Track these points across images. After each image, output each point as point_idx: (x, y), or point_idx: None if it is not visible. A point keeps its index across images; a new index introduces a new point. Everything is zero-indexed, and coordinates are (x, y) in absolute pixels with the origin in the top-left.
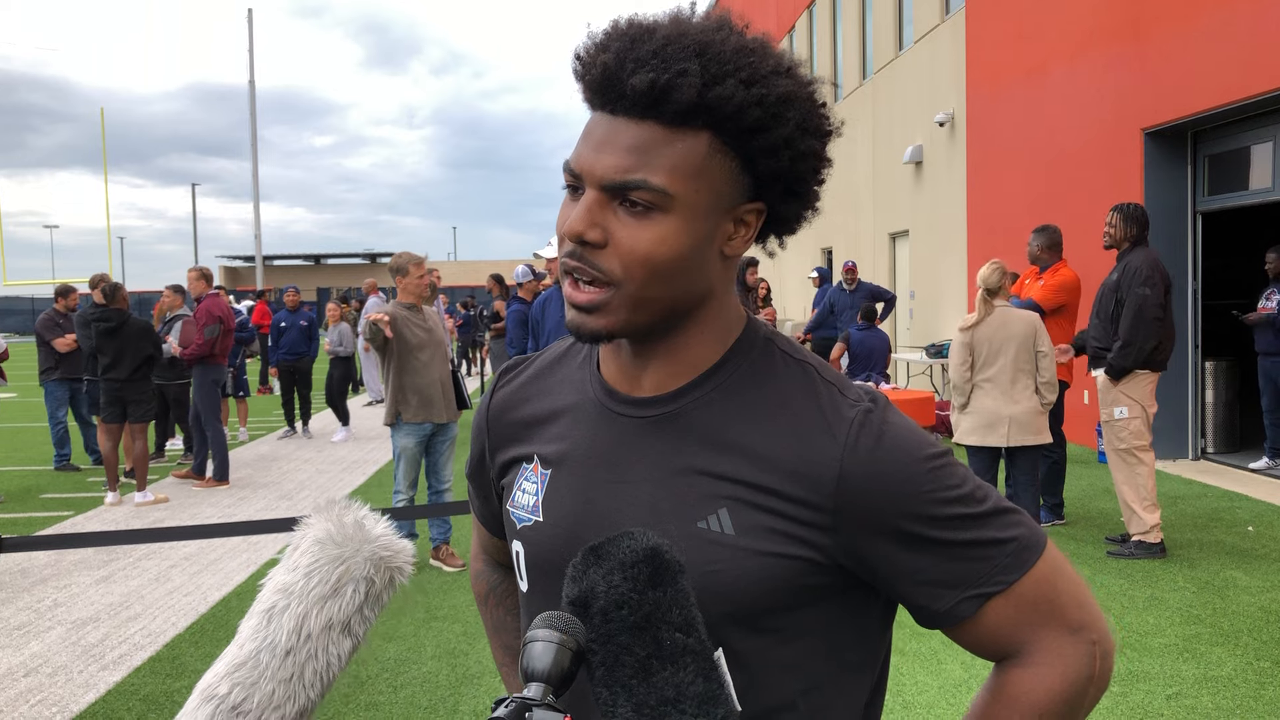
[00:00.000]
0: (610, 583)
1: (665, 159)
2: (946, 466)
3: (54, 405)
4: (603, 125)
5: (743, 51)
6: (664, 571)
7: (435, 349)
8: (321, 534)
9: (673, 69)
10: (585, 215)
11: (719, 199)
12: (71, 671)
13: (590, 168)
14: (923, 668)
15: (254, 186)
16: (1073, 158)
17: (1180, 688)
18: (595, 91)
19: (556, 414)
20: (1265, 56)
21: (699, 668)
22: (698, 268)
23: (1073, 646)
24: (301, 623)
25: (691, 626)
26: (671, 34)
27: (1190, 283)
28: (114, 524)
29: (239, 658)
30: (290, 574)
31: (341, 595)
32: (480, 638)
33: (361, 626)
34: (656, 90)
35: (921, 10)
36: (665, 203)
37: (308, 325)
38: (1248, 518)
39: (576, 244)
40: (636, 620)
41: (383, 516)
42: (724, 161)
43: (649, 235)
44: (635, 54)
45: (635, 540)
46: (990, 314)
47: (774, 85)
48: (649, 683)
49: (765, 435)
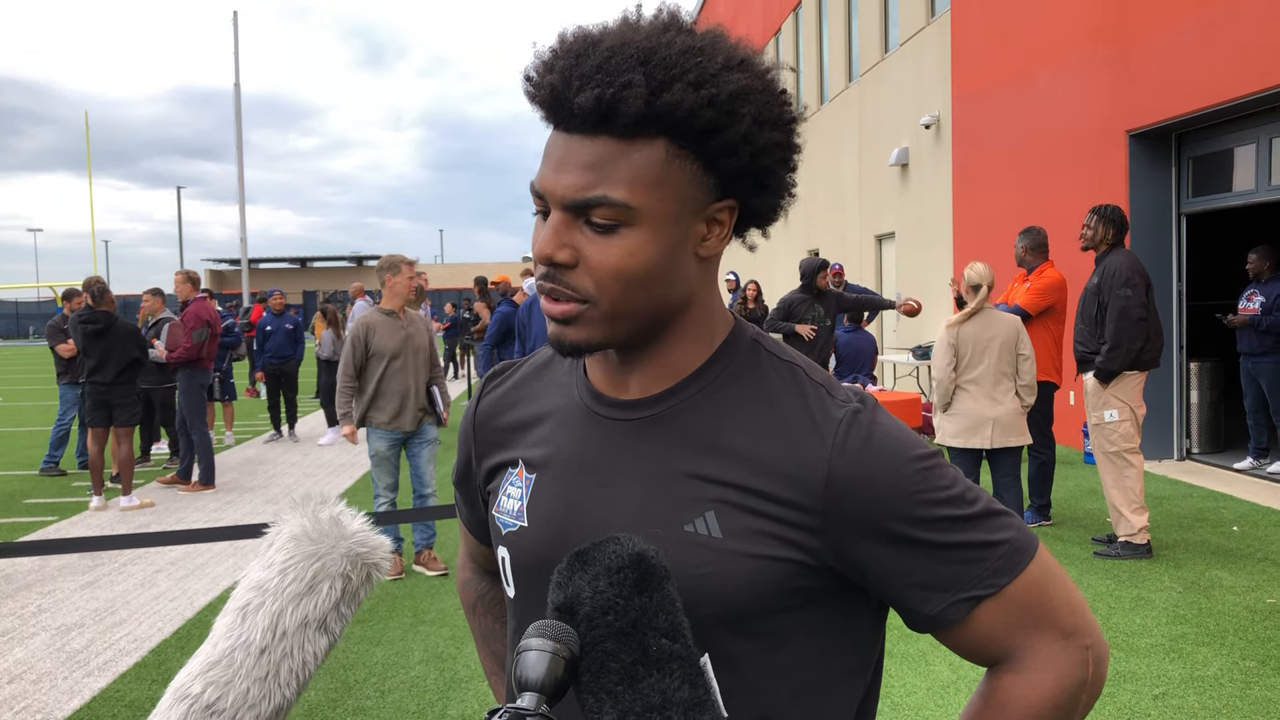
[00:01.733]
0: (596, 588)
1: (623, 172)
2: (936, 468)
3: (64, 408)
4: (559, 144)
5: (689, 53)
6: (650, 577)
7: (413, 355)
8: (297, 530)
9: (617, 82)
10: (553, 237)
11: (684, 204)
12: (56, 678)
13: (552, 188)
14: (911, 669)
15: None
16: (1058, 160)
17: (1167, 688)
18: (547, 110)
19: (542, 418)
20: (1249, 59)
21: (685, 674)
22: (672, 274)
23: (1065, 652)
24: (277, 620)
25: (678, 632)
26: (615, 44)
27: (1175, 284)
28: (99, 529)
29: (213, 656)
30: (265, 571)
31: (317, 592)
32: (468, 642)
33: (338, 624)
34: (604, 106)
35: (907, 13)
36: (628, 216)
37: (294, 329)
38: (1232, 518)
39: (548, 265)
40: (622, 626)
41: (365, 519)
42: (684, 165)
43: (617, 251)
44: (580, 70)
45: (621, 546)
46: (977, 313)
47: (724, 83)
48: (635, 689)
49: (752, 437)
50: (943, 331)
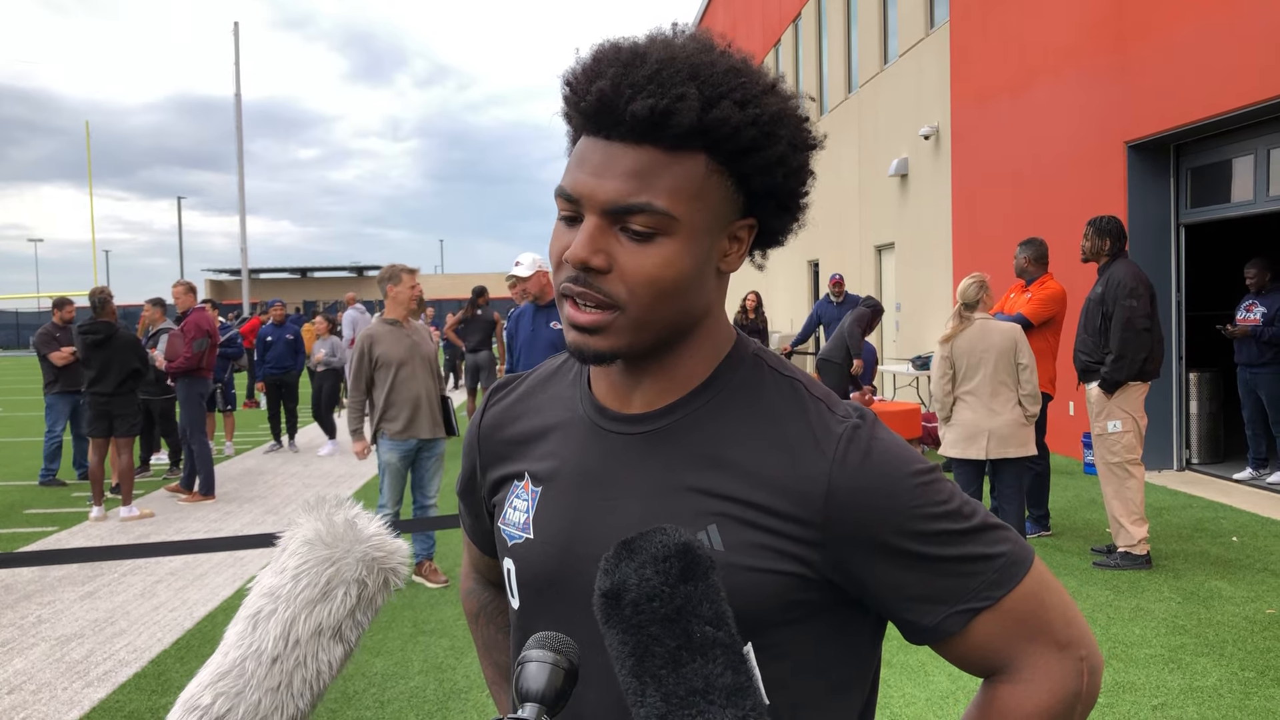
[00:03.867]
0: (642, 575)
1: (666, 182)
2: (934, 483)
3: (53, 419)
4: (599, 150)
5: (733, 72)
6: (695, 566)
7: (419, 364)
8: (310, 534)
9: (671, 93)
10: (588, 242)
11: (716, 218)
12: (56, 688)
13: (591, 193)
14: (909, 680)
15: (240, 200)
16: (1057, 171)
17: (1166, 698)
18: (589, 117)
19: (547, 431)
20: (1247, 70)
21: (728, 660)
22: (698, 286)
23: (1060, 663)
24: (289, 628)
25: (722, 620)
26: (664, 58)
27: (1174, 294)
28: (99, 539)
29: (223, 666)
30: (277, 576)
31: (332, 599)
32: (467, 653)
33: (353, 632)
34: (657, 115)
35: (906, 24)
36: (668, 226)
37: (294, 339)
38: (1232, 528)
39: (580, 270)
40: (667, 612)
41: (382, 522)
42: (720, 181)
43: (653, 259)
44: (631, 79)
45: (668, 535)
46: (968, 327)
47: (766, 105)
48: (678, 673)
49: (754, 451)
50: (937, 346)
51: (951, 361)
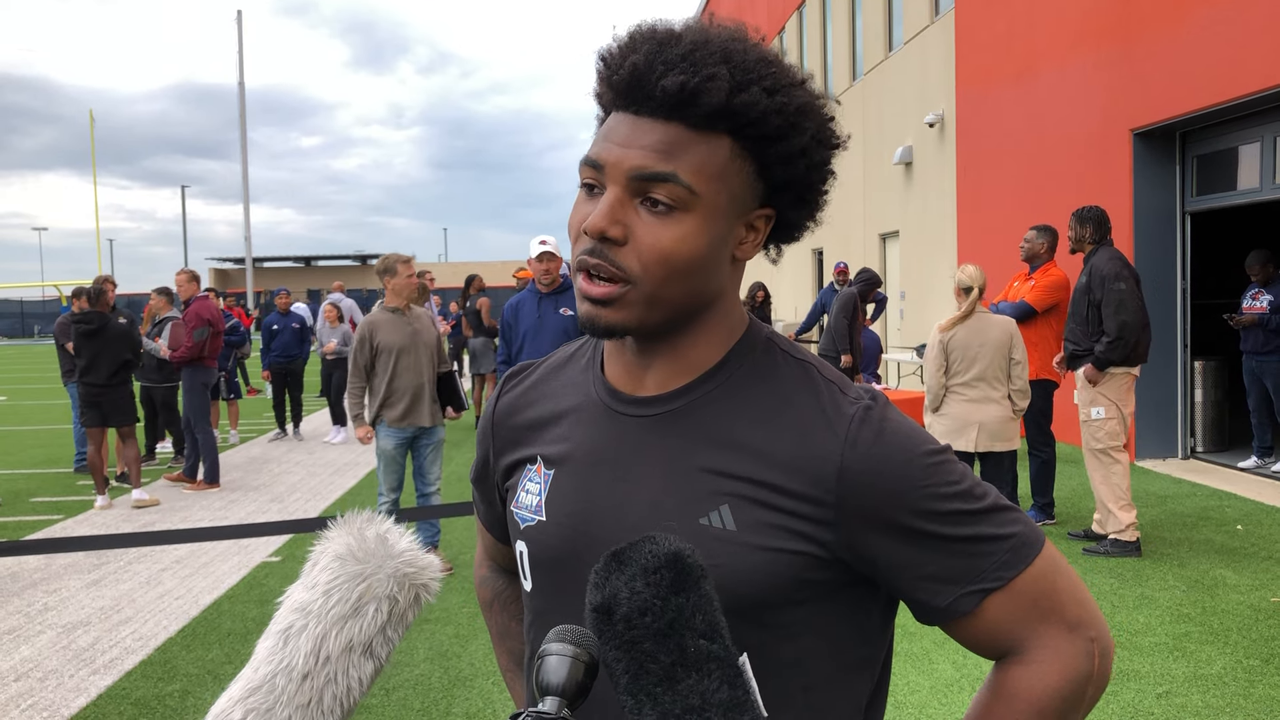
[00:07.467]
0: (633, 589)
1: (690, 158)
2: (946, 463)
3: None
4: (626, 124)
5: (764, 62)
6: (686, 576)
7: (420, 352)
8: (342, 549)
9: (702, 73)
10: (608, 212)
11: (735, 203)
12: (62, 676)
13: (618, 160)
14: (914, 668)
15: (244, 189)
16: (1062, 158)
17: (1170, 686)
18: (621, 91)
19: (560, 416)
20: (1253, 57)
21: (724, 674)
22: (712, 269)
23: (1072, 644)
24: (320, 644)
25: (716, 632)
26: (698, 40)
27: (1179, 282)
28: (104, 527)
29: (254, 681)
30: (309, 592)
31: (363, 615)
32: (472, 640)
33: (384, 648)
34: (686, 92)
35: (911, 11)
36: (690, 201)
37: (300, 328)
38: (1236, 516)
39: (597, 240)
40: (660, 627)
41: (406, 530)
42: (742, 166)
43: (670, 234)
44: (664, 57)
45: (657, 545)
46: (967, 319)
47: (794, 96)
48: (674, 690)
49: (767, 432)
50: (934, 335)
51: (946, 353)
